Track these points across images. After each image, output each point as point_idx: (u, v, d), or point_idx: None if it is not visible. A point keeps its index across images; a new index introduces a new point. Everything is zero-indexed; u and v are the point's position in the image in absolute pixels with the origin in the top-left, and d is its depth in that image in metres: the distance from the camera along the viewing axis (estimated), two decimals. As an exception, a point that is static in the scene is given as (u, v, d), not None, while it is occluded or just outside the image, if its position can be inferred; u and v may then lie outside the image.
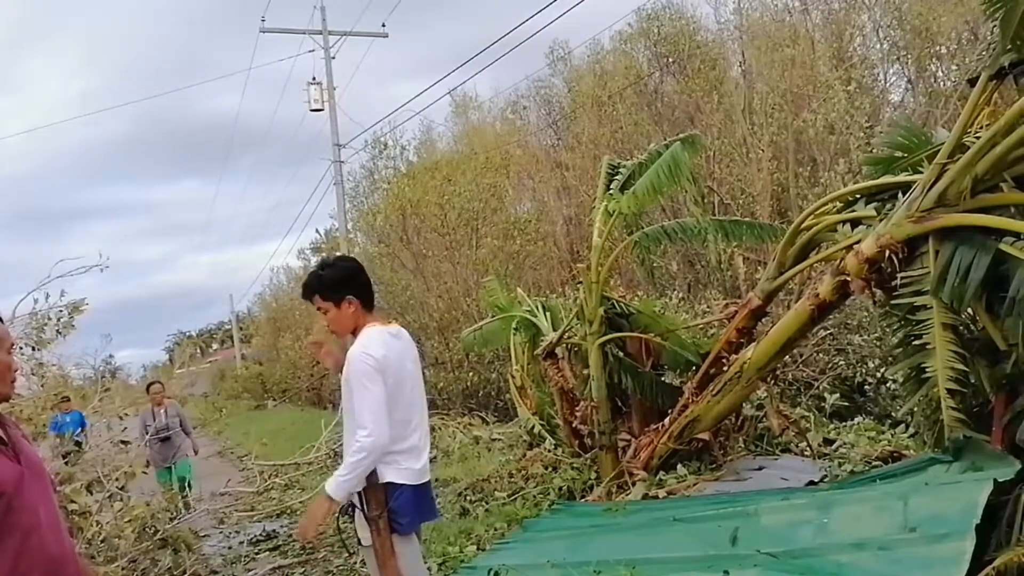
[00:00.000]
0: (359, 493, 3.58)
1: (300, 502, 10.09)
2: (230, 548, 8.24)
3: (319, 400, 30.10)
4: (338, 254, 4.97)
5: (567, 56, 21.86)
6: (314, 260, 39.02)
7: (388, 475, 3.57)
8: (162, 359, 65.61)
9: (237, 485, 12.25)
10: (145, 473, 9.12)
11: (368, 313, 3.72)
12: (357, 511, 3.64)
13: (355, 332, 3.71)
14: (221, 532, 9.10)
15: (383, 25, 24.79)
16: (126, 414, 8.34)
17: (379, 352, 3.52)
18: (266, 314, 43.23)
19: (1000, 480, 4.22)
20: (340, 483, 3.48)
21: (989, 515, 4.07)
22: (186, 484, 10.23)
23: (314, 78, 24.80)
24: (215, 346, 73.94)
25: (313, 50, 24.77)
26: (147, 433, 9.89)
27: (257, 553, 7.96)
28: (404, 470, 3.60)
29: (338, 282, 3.71)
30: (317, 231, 39.05)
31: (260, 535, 8.59)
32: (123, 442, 7.74)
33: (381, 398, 3.46)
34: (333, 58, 24.62)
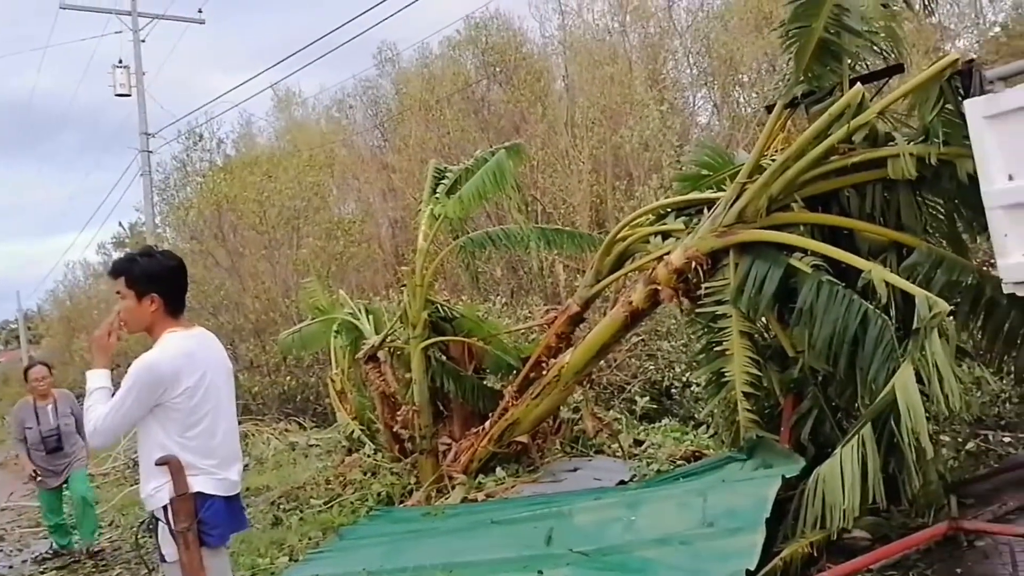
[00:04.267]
0: (164, 506, 3.36)
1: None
2: (11, 567, 7.52)
3: (120, 405, 28.04)
4: (165, 248, 4.67)
5: (395, 58, 21.75)
6: (116, 255, 36.43)
7: (198, 485, 3.37)
8: (-66, 361, 58.82)
9: (20, 499, 11.22)
10: (35, 478, 7.56)
11: (171, 318, 3.48)
12: (161, 525, 3.40)
13: (150, 332, 3.47)
14: (2, 551, 8.28)
15: (200, 11, 23.65)
16: None
17: (169, 369, 3.31)
18: (59, 312, 39.75)
19: (787, 476, 4.60)
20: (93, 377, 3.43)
21: (777, 509, 4.43)
22: (89, 505, 7.74)
23: (120, 61, 23.23)
24: (-1, 347, 67.20)
25: (121, 31, 23.20)
26: (26, 439, 7.51)
27: (43, 572, 7.32)
28: (218, 480, 3.42)
29: (150, 275, 3.43)
30: (120, 224, 36.51)
31: (47, 552, 7.90)
32: None
33: (131, 416, 3.32)
34: (143, 41, 23.18)
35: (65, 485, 7.62)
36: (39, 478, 7.53)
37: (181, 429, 3.35)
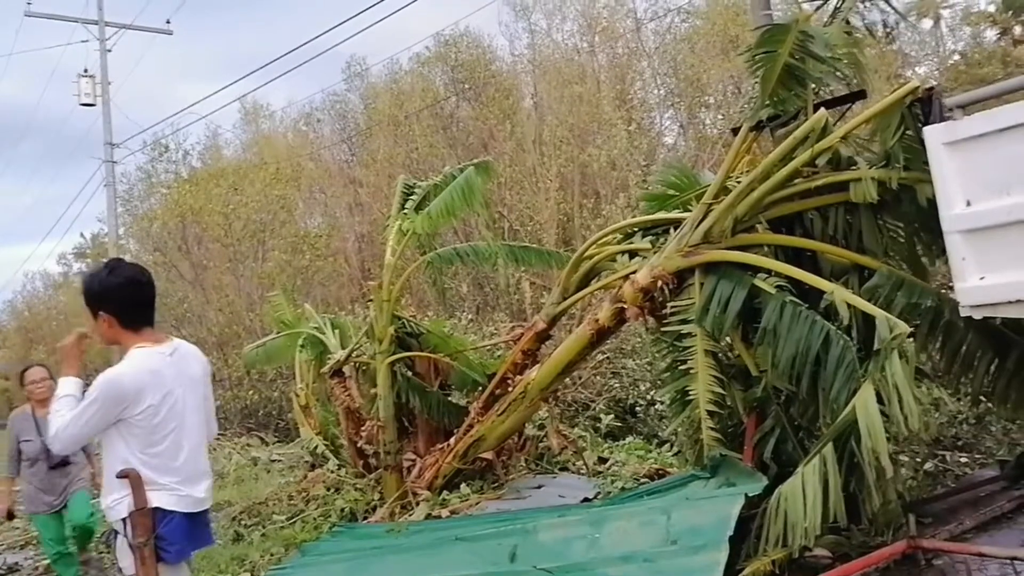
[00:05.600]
0: (123, 519, 3.31)
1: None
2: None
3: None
4: (119, 259, 4.61)
5: (364, 73, 21.75)
6: (77, 266, 35.91)
7: (158, 500, 3.33)
8: None
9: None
10: (10, 517, 6.36)
11: (132, 331, 3.45)
12: (119, 537, 3.35)
13: (119, 345, 3.46)
14: (-50, 568, 8.06)
15: (168, 22, 23.49)
16: None
17: (131, 385, 3.29)
18: (17, 323, 39.00)
19: (750, 495, 4.63)
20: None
21: (740, 527, 4.46)
22: (88, 534, 6.45)
23: (86, 70, 22.94)
24: (-49, 358, 65.42)
25: (87, 40, 22.93)
26: (19, 455, 6.23)
27: (-4, 589, 7.10)
28: (180, 497, 3.38)
29: (94, 295, 3.46)
30: (82, 235, 35.97)
31: (1, 568, 7.69)
32: None
33: (91, 427, 3.33)
34: (109, 51, 22.92)
35: (64, 507, 6.38)
36: (14, 516, 6.46)
37: (143, 445, 3.32)
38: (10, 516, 6.39)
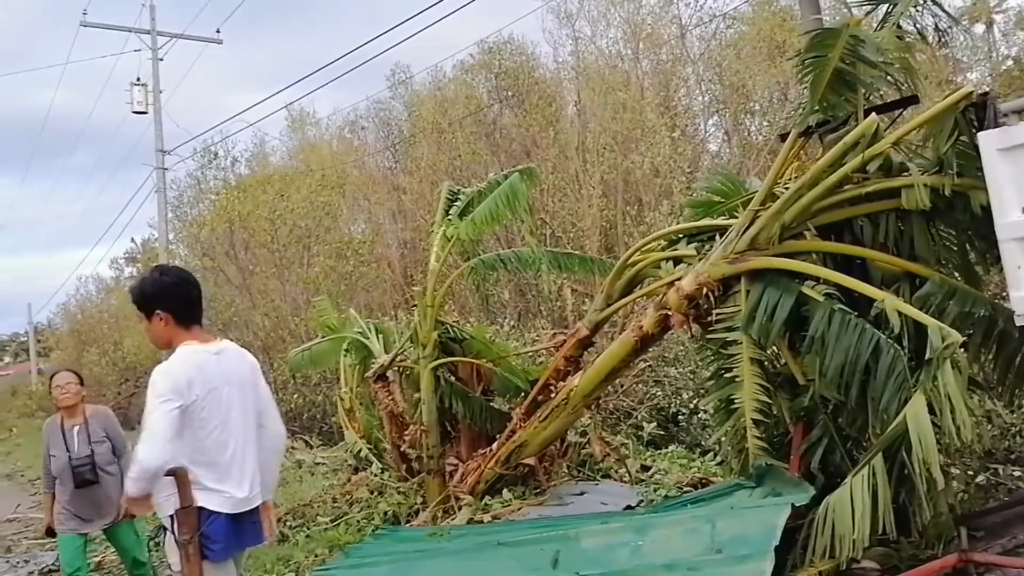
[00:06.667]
0: (171, 515, 3.40)
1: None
2: (16, 581, 7.49)
3: (126, 420, 28.00)
4: (165, 264, 4.77)
5: (408, 80, 21.91)
6: (128, 270, 36.73)
7: (202, 500, 3.41)
8: (-58, 372, 58.93)
9: (28, 511, 11.23)
10: (51, 534, 5.87)
11: (185, 329, 3.57)
12: (168, 534, 3.44)
13: (171, 346, 3.57)
14: (7, 561, 8.28)
15: (217, 31, 24.00)
16: None
17: (181, 375, 3.39)
18: (69, 326, 39.98)
19: (796, 504, 4.58)
20: (129, 482, 3.38)
21: (786, 537, 4.41)
22: (142, 566, 5.90)
23: (138, 79, 23.51)
24: (7, 359, 67.49)
25: (139, 50, 23.52)
26: (51, 468, 5.69)
27: (48, 586, 7.27)
28: (223, 497, 3.45)
29: (149, 296, 3.60)
30: (133, 240, 36.81)
31: (53, 564, 7.89)
32: None
33: (166, 422, 3.32)
34: (161, 60, 23.48)
35: (102, 536, 5.92)
36: (56, 534, 5.79)
37: (192, 441, 3.39)
38: (50, 532, 5.95)
